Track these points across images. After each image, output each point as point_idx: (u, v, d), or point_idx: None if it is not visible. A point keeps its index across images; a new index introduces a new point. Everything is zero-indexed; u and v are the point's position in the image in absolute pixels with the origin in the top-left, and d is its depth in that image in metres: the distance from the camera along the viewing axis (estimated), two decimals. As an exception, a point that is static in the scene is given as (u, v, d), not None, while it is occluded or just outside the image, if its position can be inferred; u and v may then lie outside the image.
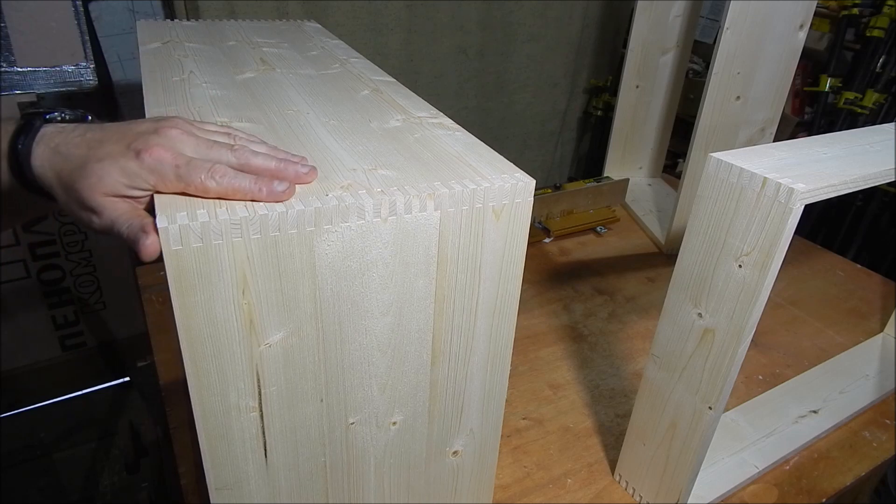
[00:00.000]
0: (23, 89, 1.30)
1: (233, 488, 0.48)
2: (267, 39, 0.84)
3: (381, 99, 0.63)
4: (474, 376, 0.54)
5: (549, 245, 1.26)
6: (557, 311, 1.05)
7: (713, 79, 1.06)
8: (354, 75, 0.70)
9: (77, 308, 1.58)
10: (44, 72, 1.31)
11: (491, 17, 1.76)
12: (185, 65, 0.68)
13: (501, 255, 0.49)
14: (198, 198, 0.40)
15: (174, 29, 0.84)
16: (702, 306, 0.58)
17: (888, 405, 0.90)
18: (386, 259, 0.45)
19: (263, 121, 0.54)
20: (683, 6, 1.33)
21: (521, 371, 0.91)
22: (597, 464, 0.77)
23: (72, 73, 1.33)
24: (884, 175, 0.56)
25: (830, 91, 1.78)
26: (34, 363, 1.58)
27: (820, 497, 0.75)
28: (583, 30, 1.93)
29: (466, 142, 0.53)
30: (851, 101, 1.71)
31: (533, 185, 0.47)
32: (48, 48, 1.29)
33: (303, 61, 0.75)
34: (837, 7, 1.74)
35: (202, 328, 0.41)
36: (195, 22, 0.91)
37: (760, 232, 0.51)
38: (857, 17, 1.70)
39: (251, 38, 0.83)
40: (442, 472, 0.59)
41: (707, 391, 0.59)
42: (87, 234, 1.50)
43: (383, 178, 0.45)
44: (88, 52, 1.33)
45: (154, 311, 0.97)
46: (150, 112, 0.54)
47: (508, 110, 1.96)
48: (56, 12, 1.26)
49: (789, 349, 1.00)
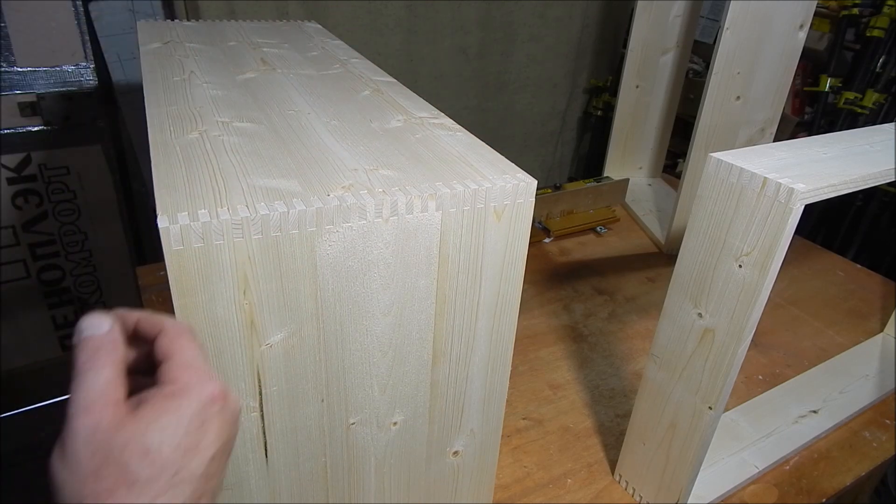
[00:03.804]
0: (23, 89, 1.30)
1: (233, 488, 0.48)
2: (267, 40, 0.84)
3: (381, 99, 0.63)
4: (475, 376, 0.54)
5: (549, 245, 1.26)
6: (557, 311, 1.05)
7: (713, 79, 1.06)
8: (355, 76, 0.70)
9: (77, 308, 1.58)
10: (44, 72, 1.31)
11: (491, 17, 1.76)
12: (186, 65, 0.68)
13: (502, 255, 0.49)
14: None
15: (174, 29, 0.84)
16: (702, 306, 0.58)
17: (888, 405, 0.90)
18: (387, 259, 0.45)
19: (264, 121, 0.54)
20: (683, 6, 1.33)
21: (521, 371, 0.91)
22: (597, 464, 0.77)
23: (72, 73, 1.33)
24: (884, 175, 0.56)
25: (830, 91, 1.78)
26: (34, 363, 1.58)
27: (820, 497, 0.75)
28: (583, 30, 1.93)
29: (468, 142, 0.53)
30: (851, 101, 1.71)
31: (534, 186, 0.47)
32: (48, 48, 1.29)
33: (303, 62, 0.75)
34: (837, 7, 1.74)
35: (203, 328, 0.41)
36: (195, 22, 0.91)
37: (760, 232, 0.51)
38: (857, 17, 1.70)
39: (252, 39, 0.83)
40: (442, 472, 0.59)
41: (707, 391, 0.59)
42: (86, 234, 1.50)
43: (385, 178, 0.45)
44: (88, 52, 1.33)
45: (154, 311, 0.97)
46: (150, 112, 0.54)
47: (508, 110, 1.96)
48: (56, 12, 1.26)
49: (789, 349, 1.00)
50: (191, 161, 0.45)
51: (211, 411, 0.32)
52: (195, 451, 0.31)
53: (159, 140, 0.48)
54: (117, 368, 0.31)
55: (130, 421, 0.30)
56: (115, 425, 0.29)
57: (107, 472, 0.28)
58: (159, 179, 0.42)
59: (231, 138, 0.50)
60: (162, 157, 0.45)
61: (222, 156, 0.46)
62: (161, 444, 0.30)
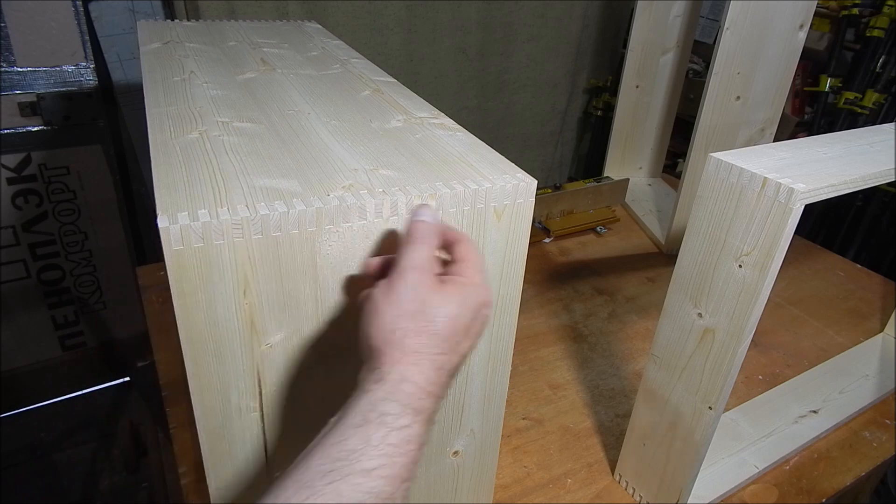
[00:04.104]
0: (23, 89, 1.30)
1: (232, 488, 0.48)
2: (267, 40, 0.84)
3: (381, 99, 0.63)
4: (475, 376, 0.54)
5: (549, 245, 1.26)
6: (557, 311, 1.05)
7: (713, 79, 1.06)
8: (355, 76, 0.70)
9: (77, 308, 1.58)
10: (44, 72, 1.31)
11: (491, 17, 1.76)
12: (186, 65, 0.68)
13: (503, 255, 0.49)
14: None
15: (174, 29, 0.84)
16: (702, 306, 0.58)
17: (888, 405, 0.90)
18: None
19: (264, 121, 0.54)
20: (683, 6, 1.33)
21: (521, 371, 0.91)
22: (597, 464, 0.77)
23: (72, 73, 1.33)
24: (884, 175, 0.56)
25: (830, 91, 1.78)
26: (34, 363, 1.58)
27: (820, 497, 0.75)
28: (583, 30, 1.93)
29: (468, 142, 0.53)
30: (851, 101, 1.71)
31: (534, 186, 0.47)
32: (48, 48, 1.29)
33: (303, 62, 0.75)
34: (837, 7, 1.74)
35: (203, 328, 0.41)
36: (195, 22, 0.91)
37: (760, 232, 0.51)
38: (857, 17, 1.70)
39: (252, 39, 0.83)
40: (442, 472, 0.59)
41: (707, 391, 0.59)
42: (87, 234, 1.50)
43: (385, 178, 0.45)
44: (88, 52, 1.33)
45: (154, 311, 0.97)
46: (150, 112, 0.54)
47: (508, 110, 1.96)
48: (56, 12, 1.26)
49: (789, 349, 1.00)
50: (191, 161, 0.45)
51: (484, 311, 0.41)
52: (469, 334, 0.40)
53: (159, 140, 0.48)
54: (435, 250, 0.41)
55: (441, 290, 0.39)
56: (433, 288, 0.39)
57: (419, 317, 0.38)
58: (159, 179, 0.42)
59: (231, 138, 0.50)
60: (162, 157, 0.45)
61: (222, 156, 0.46)
62: (458, 315, 0.39)
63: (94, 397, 1.69)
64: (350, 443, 0.34)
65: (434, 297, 0.39)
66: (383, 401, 0.36)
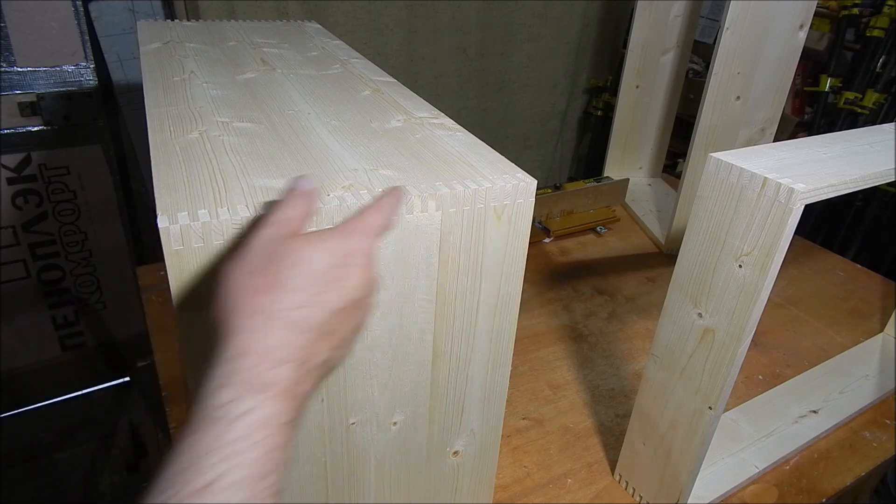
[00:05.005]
0: (23, 89, 1.30)
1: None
2: (267, 40, 0.84)
3: (381, 99, 0.63)
4: (475, 376, 0.54)
5: (549, 245, 1.26)
6: (557, 311, 1.05)
7: (713, 79, 1.06)
8: (355, 76, 0.70)
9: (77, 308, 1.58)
10: (44, 72, 1.31)
11: (491, 17, 1.76)
12: (186, 65, 0.68)
13: (503, 255, 0.49)
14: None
15: (174, 29, 0.84)
16: (702, 306, 0.58)
17: (888, 405, 0.90)
18: (387, 259, 0.45)
19: (264, 121, 0.54)
20: (683, 6, 1.33)
21: (521, 371, 0.91)
22: (597, 464, 0.77)
23: (72, 73, 1.33)
24: (884, 175, 0.56)
25: (830, 91, 1.78)
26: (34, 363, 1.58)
27: (820, 497, 0.75)
28: (583, 30, 1.93)
29: (468, 142, 0.53)
30: (851, 101, 1.71)
31: (534, 186, 0.47)
32: (48, 48, 1.29)
33: (303, 62, 0.75)
34: (837, 7, 1.74)
35: (203, 328, 0.41)
36: (195, 22, 0.91)
37: (760, 232, 0.51)
38: (857, 17, 1.70)
39: (251, 39, 0.83)
40: (442, 472, 0.59)
41: (707, 391, 0.59)
42: (86, 234, 1.50)
43: (385, 178, 0.45)
44: (88, 52, 1.33)
45: (154, 311, 0.97)
46: (150, 112, 0.54)
47: (508, 110, 1.96)
48: (56, 12, 1.26)
49: (789, 349, 1.00)
50: (191, 161, 0.45)
51: (356, 260, 0.35)
52: (335, 285, 0.34)
53: (159, 140, 0.48)
54: (307, 213, 0.37)
55: (297, 238, 0.35)
56: (286, 237, 0.34)
57: (268, 270, 0.33)
58: (159, 179, 0.42)
59: (231, 138, 0.50)
60: (162, 156, 0.45)
61: (222, 156, 0.46)
62: (311, 260, 0.34)
63: (94, 397, 1.69)
64: (182, 459, 0.28)
65: (288, 244, 0.34)
66: (217, 389, 0.30)
